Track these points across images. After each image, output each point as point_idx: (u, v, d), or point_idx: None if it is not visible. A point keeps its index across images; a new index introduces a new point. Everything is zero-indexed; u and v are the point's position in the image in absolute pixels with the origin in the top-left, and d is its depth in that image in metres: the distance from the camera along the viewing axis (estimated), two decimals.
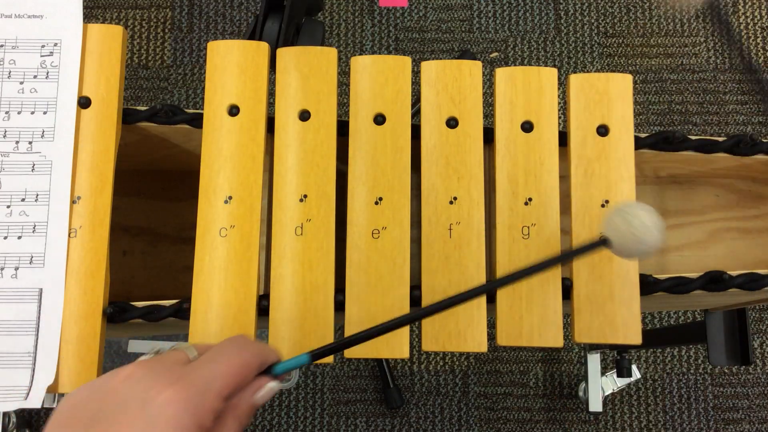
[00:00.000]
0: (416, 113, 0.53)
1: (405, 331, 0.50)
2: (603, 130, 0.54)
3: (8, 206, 0.52)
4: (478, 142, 0.53)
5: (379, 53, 1.40)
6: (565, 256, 0.46)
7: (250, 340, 0.42)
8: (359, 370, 1.27)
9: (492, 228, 0.54)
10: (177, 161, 0.64)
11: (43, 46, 0.54)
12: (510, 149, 0.53)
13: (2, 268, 0.51)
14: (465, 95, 0.54)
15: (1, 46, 0.54)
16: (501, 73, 0.55)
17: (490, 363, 1.28)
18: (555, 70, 0.55)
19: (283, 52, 0.55)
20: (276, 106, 0.54)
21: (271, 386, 0.41)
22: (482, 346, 0.51)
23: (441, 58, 0.88)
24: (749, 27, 1.41)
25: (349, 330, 0.50)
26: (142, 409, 0.35)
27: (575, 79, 0.55)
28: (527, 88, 0.54)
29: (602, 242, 0.45)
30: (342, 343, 0.44)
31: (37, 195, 0.52)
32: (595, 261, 0.52)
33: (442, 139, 0.53)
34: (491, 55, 1.40)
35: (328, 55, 0.54)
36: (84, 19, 0.55)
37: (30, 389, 0.49)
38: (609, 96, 0.54)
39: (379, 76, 0.54)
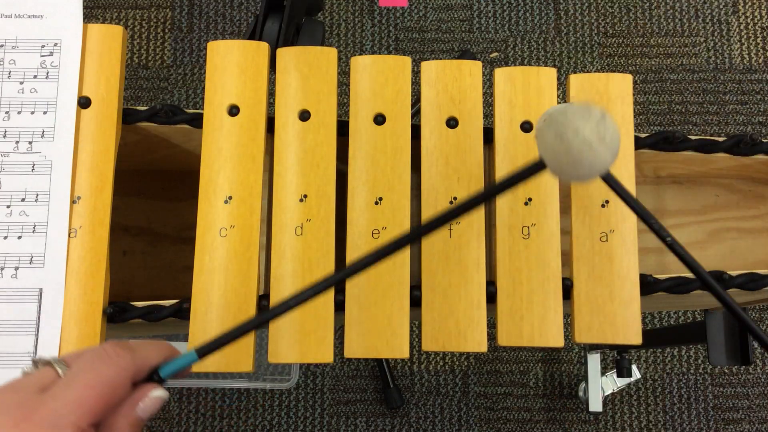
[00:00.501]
0: (416, 113, 0.53)
1: (405, 331, 0.50)
2: None
3: (8, 206, 0.52)
4: (478, 142, 0.53)
5: (379, 53, 1.40)
6: (499, 187, 0.38)
7: (120, 346, 0.36)
8: (359, 370, 1.27)
9: (492, 228, 0.54)
10: (177, 161, 0.64)
11: (43, 46, 0.54)
12: (509, 149, 0.53)
13: (2, 268, 0.51)
14: (465, 95, 0.54)
15: (1, 46, 0.54)
16: (500, 74, 0.55)
17: (490, 363, 1.28)
18: (554, 70, 0.55)
19: (283, 52, 0.55)
20: (276, 106, 0.54)
21: (156, 395, 0.36)
22: (482, 346, 0.51)
23: (441, 58, 0.88)
24: (749, 27, 1.41)
25: (350, 330, 0.50)
26: None
27: (575, 79, 0.55)
28: (526, 88, 0.54)
29: (538, 166, 0.36)
30: (230, 335, 0.40)
31: (37, 195, 0.52)
32: (595, 261, 0.52)
33: (442, 139, 0.53)
34: (491, 55, 1.40)
35: (328, 55, 0.54)
36: (84, 19, 0.55)
37: None
38: (609, 96, 0.54)
39: (379, 76, 0.54)
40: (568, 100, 0.55)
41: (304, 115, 0.53)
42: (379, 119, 0.54)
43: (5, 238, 0.51)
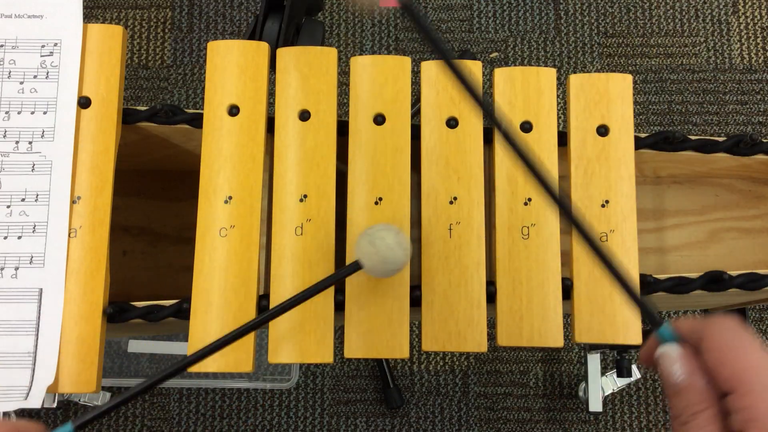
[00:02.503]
0: (416, 113, 0.53)
1: (405, 331, 0.50)
2: (603, 130, 0.54)
3: (8, 206, 0.52)
4: (478, 142, 0.53)
5: (379, 53, 1.40)
6: (325, 283, 0.48)
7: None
8: (359, 370, 1.27)
9: (492, 228, 0.54)
10: (177, 161, 0.64)
11: (43, 46, 0.54)
12: (510, 149, 0.53)
13: (2, 268, 0.51)
14: (465, 95, 0.54)
15: (1, 46, 0.54)
16: (500, 74, 0.55)
17: (490, 363, 1.28)
18: (554, 71, 0.55)
19: (283, 52, 0.55)
20: (276, 106, 0.54)
21: None
22: (482, 346, 0.51)
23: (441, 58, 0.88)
24: (749, 27, 1.41)
25: (350, 330, 0.50)
26: None
27: (575, 79, 0.55)
28: (526, 88, 0.54)
29: (356, 265, 0.47)
30: (105, 409, 0.42)
31: (37, 195, 0.52)
32: (596, 261, 0.52)
33: (442, 139, 0.53)
34: (491, 55, 1.40)
35: (328, 55, 0.54)
36: (84, 19, 0.55)
37: (30, 389, 0.49)
38: (609, 96, 0.54)
39: (379, 76, 0.54)
40: (568, 100, 0.55)
41: (304, 115, 0.53)
42: (379, 119, 0.54)
43: (5, 238, 0.51)
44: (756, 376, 0.31)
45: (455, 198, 0.53)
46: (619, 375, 1.12)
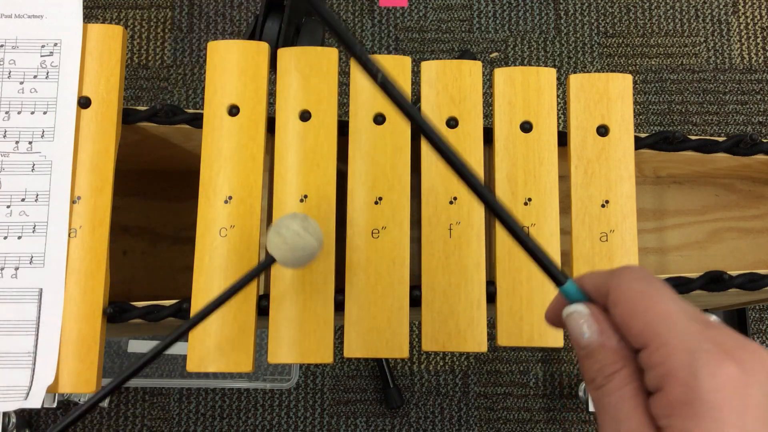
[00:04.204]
0: None
1: (405, 331, 0.50)
2: (603, 130, 0.54)
3: (8, 206, 0.52)
4: (478, 142, 0.53)
5: (379, 53, 1.40)
6: (244, 281, 0.47)
7: None
8: (359, 370, 1.27)
9: (492, 228, 0.54)
10: (177, 161, 0.64)
11: (43, 46, 0.54)
12: (509, 149, 0.54)
13: (2, 268, 0.51)
14: (465, 95, 0.54)
15: (1, 46, 0.54)
16: (500, 74, 0.55)
17: (490, 363, 1.28)
18: (554, 71, 0.55)
19: (283, 52, 0.55)
20: (276, 106, 0.54)
21: None
22: (482, 346, 0.51)
23: (441, 58, 0.88)
24: (749, 27, 1.41)
25: (349, 330, 0.50)
26: None
27: (575, 79, 0.55)
28: (526, 88, 0.54)
29: (269, 259, 0.46)
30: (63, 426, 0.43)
31: (37, 195, 0.52)
32: (595, 261, 0.52)
33: None
34: (491, 55, 1.40)
35: (329, 55, 0.54)
36: (84, 19, 0.55)
37: (30, 389, 0.49)
38: (609, 96, 0.54)
39: None
40: (568, 100, 0.55)
41: (305, 116, 0.53)
42: (379, 119, 0.54)
43: (5, 238, 0.51)
44: (669, 326, 0.28)
45: (455, 198, 0.53)
46: None
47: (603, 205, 0.53)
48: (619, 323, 0.30)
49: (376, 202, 0.52)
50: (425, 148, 0.53)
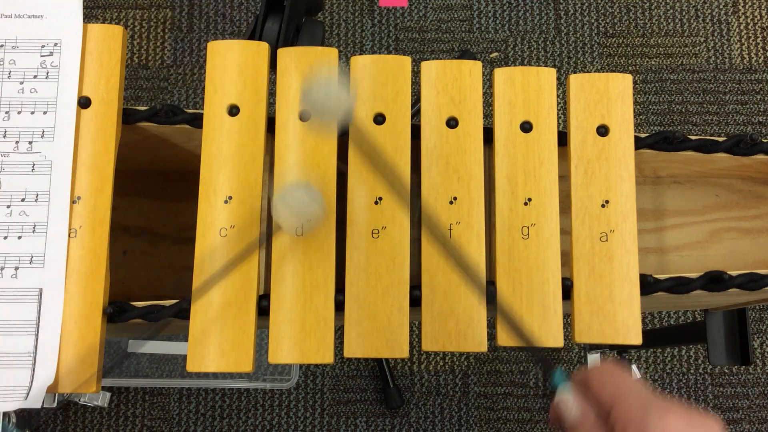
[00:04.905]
0: (416, 113, 0.53)
1: (405, 331, 0.50)
2: (603, 130, 0.54)
3: (8, 206, 0.52)
4: (478, 142, 0.53)
5: (379, 53, 1.40)
6: (249, 250, 0.48)
7: None
8: (359, 370, 1.27)
9: (492, 228, 0.54)
10: (177, 161, 0.64)
11: (43, 46, 0.54)
12: (509, 149, 0.54)
13: (2, 268, 0.51)
14: (465, 95, 0.54)
15: (1, 46, 0.54)
16: (500, 74, 0.55)
17: (490, 363, 1.28)
18: (554, 71, 0.55)
19: (283, 53, 0.55)
20: (276, 106, 0.54)
21: None
22: (482, 346, 0.51)
23: (441, 58, 0.88)
24: (749, 27, 1.41)
25: (349, 330, 0.50)
26: None
27: (575, 79, 0.55)
28: (526, 88, 0.54)
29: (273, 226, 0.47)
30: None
31: (37, 195, 0.52)
32: (595, 261, 0.52)
33: (442, 139, 0.53)
34: (491, 55, 1.40)
35: (329, 55, 0.54)
36: (84, 19, 0.55)
37: (30, 389, 0.49)
38: (609, 96, 0.54)
39: (379, 76, 0.54)
40: (568, 100, 0.55)
41: (305, 115, 0.53)
42: (379, 119, 0.54)
43: (5, 238, 0.51)
44: (628, 391, 0.39)
45: (455, 198, 0.53)
46: None
47: (603, 205, 0.53)
48: (596, 393, 0.40)
49: (376, 202, 0.52)
50: (425, 148, 0.53)
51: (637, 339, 0.51)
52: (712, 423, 0.38)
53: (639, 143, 0.55)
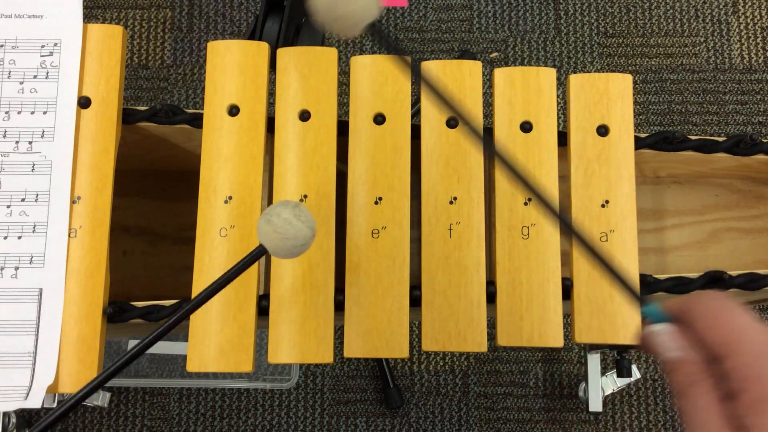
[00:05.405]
0: (416, 113, 0.53)
1: (405, 331, 0.50)
2: (603, 130, 0.54)
3: (8, 206, 0.52)
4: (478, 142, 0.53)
5: (379, 53, 1.40)
6: (231, 274, 0.45)
7: None
8: (359, 370, 1.27)
9: (492, 228, 0.54)
10: (177, 161, 0.64)
11: (43, 46, 0.54)
12: (509, 149, 0.53)
13: (2, 268, 0.51)
14: (465, 95, 0.54)
15: (1, 46, 0.54)
16: (500, 74, 0.55)
17: (490, 363, 1.28)
18: (553, 71, 0.55)
19: (283, 52, 0.55)
20: (276, 106, 0.54)
21: None
22: (482, 346, 0.51)
23: (441, 58, 0.88)
24: (749, 27, 1.41)
25: (349, 330, 0.50)
26: None
27: (575, 79, 0.55)
28: (526, 88, 0.54)
29: (260, 249, 0.44)
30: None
31: (37, 195, 0.52)
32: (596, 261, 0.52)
33: (442, 139, 0.53)
34: (491, 55, 1.40)
35: (329, 55, 0.54)
36: (84, 19, 0.55)
37: (30, 389, 0.49)
38: (609, 96, 0.54)
39: (379, 75, 0.54)
40: (568, 100, 0.55)
41: (304, 115, 0.53)
42: (379, 119, 0.54)
43: (5, 238, 0.51)
44: (745, 337, 0.33)
45: (455, 198, 0.53)
46: (619, 375, 1.12)
47: (603, 205, 0.53)
48: (701, 336, 0.34)
49: (376, 202, 0.52)
50: (425, 148, 0.53)
51: (637, 339, 0.51)
52: None
53: (639, 143, 0.55)
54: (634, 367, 1.14)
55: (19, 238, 0.51)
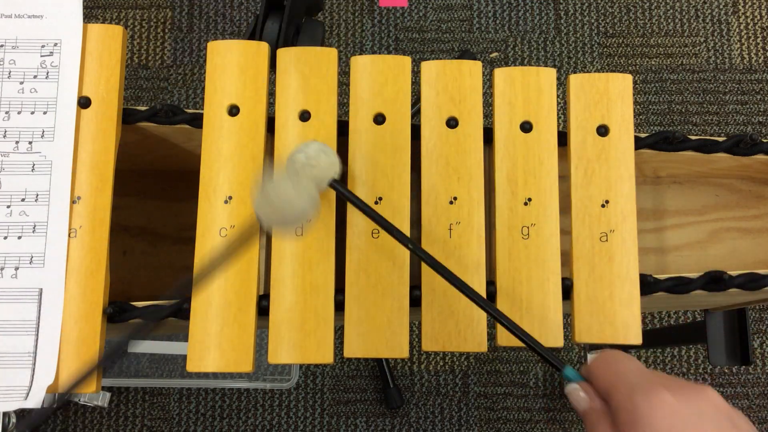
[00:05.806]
0: (416, 113, 0.53)
1: (405, 331, 0.50)
2: (603, 130, 0.54)
3: (8, 206, 0.52)
4: (478, 142, 0.53)
5: (379, 53, 1.40)
6: (226, 254, 0.45)
7: None
8: (359, 370, 1.27)
9: (492, 228, 0.54)
10: (177, 161, 0.64)
11: (43, 46, 0.54)
12: (509, 149, 0.54)
13: (2, 268, 0.51)
14: (465, 95, 0.54)
15: (1, 46, 0.54)
16: (500, 74, 0.55)
17: (490, 363, 1.28)
18: (554, 70, 0.55)
19: (283, 53, 0.55)
20: (276, 106, 0.54)
21: None
22: (482, 346, 0.51)
23: (441, 58, 0.88)
24: (749, 27, 1.41)
25: (349, 330, 0.50)
26: None
27: (575, 79, 0.55)
28: (526, 88, 0.54)
29: (254, 226, 0.44)
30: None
31: (37, 195, 0.52)
32: (595, 261, 0.52)
33: (442, 139, 0.53)
34: (491, 55, 1.40)
35: (329, 55, 0.54)
36: (84, 19, 0.55)
37: (30, 389, 0.49)
38: (609, 96, 0.54)
39: (379, 76, 0.54)
40: (568, 100, 0.55)
41: (304, 116, 0.53)
42: (379, 119, 0.54)
43: (5, 238, 0.51)
44: (622, 377, 0.40)
45: (455, 198, 0.53)
46: None
47: (603, 205, 0.53)
48: (595, 382, 0.42)
49: (376, 202, 0.52)
50: (425, 148, 0.53)
51: (637, 339, 0.51)
52: (702, 391, 0.38)
53: (639, 143, 0.55)
54: None
55: (19, 238, 0.51)
